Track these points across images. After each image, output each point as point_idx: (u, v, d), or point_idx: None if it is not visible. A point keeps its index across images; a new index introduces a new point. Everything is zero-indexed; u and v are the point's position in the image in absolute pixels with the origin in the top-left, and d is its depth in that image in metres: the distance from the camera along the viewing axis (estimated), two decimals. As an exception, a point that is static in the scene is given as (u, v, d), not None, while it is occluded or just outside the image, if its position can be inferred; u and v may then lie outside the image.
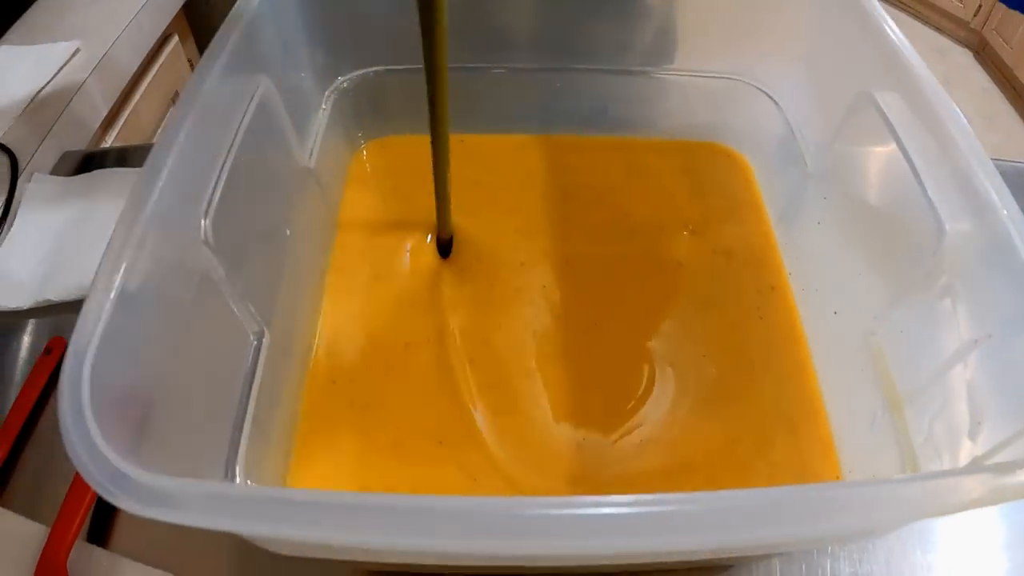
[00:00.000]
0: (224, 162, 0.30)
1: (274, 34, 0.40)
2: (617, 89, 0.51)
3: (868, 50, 0.38)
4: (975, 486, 0.21)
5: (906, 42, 0.37)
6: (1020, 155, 1.86)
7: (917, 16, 2.33)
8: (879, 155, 0.36)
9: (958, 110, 0.33)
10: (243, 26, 0.34)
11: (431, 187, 0.40)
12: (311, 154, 0.44)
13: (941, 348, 0.32)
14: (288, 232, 0.38)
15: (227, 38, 0.33)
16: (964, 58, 2.17)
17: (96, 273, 0.22)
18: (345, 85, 0.49)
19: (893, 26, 0.37)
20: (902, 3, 2.36)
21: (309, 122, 0.46)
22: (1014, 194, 0.54)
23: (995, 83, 2.08)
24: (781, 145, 0.48)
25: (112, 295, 0.22)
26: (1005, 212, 0.29)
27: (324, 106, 0.48)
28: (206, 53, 0.32)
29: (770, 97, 0.49)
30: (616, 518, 0.17)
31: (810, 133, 0.45)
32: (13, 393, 0.43)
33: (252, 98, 0.34)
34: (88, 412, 0.20)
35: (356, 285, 0.45)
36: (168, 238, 0.26)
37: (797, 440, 0.39)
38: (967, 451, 0.29)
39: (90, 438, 0.19)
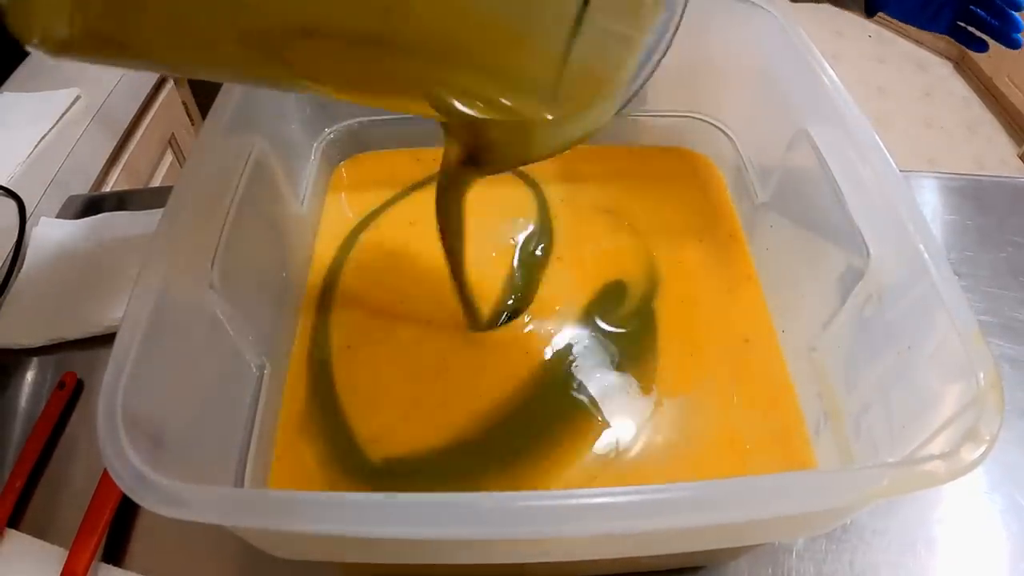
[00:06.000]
0: (226, 217, 0.34)
1: (267, 96, 0.44)
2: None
3: (806, 92, 0.42)
4: (877, 480, 0.24)
5: (839, 84, 0.41)
6: (1001, 162, 1.90)
7: (896, 30, 2.38)
8: (815, 186, 0.40)
9: (881, 144, 0.37)
10: (238, 94, 0.38)
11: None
12: (303, 201, 0.48)
13: (870, 360, 0.35)
14: (284, 274, 0.42)
15: (226, 105, 0.37)
16: (944, 69, 2.23)
17: (125, 315, 0.26)
18: (332, 136, 0.54)
19: (828, 70, 0.41)
20: (881, 17, 2.42)
21: (301, 172, 0.50)
22: (968, 205, 0.58)
23: (975, 93, 2.12)
24: (737, 176, 0.53)
25: (139, 333, 0.26)
26: (918, 236, 0.32)
27: (313, 156, 0.52)
28: (208, 118, 0.37)
29: (725, 133, 0.53)
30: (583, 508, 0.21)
31: (759, 166, 0.49)
32: (28, 425, 0.46)
33: (248, 158, 0.38)
34: (122, 432, 0.23)
35: (341, 316, 0.47)
36: (182, 284, 0.30)
37: (783, 444, 0.41)
38: (895, 451, 0.32)
39: (124, 454, 0.23)
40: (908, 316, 0.33)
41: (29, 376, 0.49)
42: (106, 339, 0.50)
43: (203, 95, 1.02)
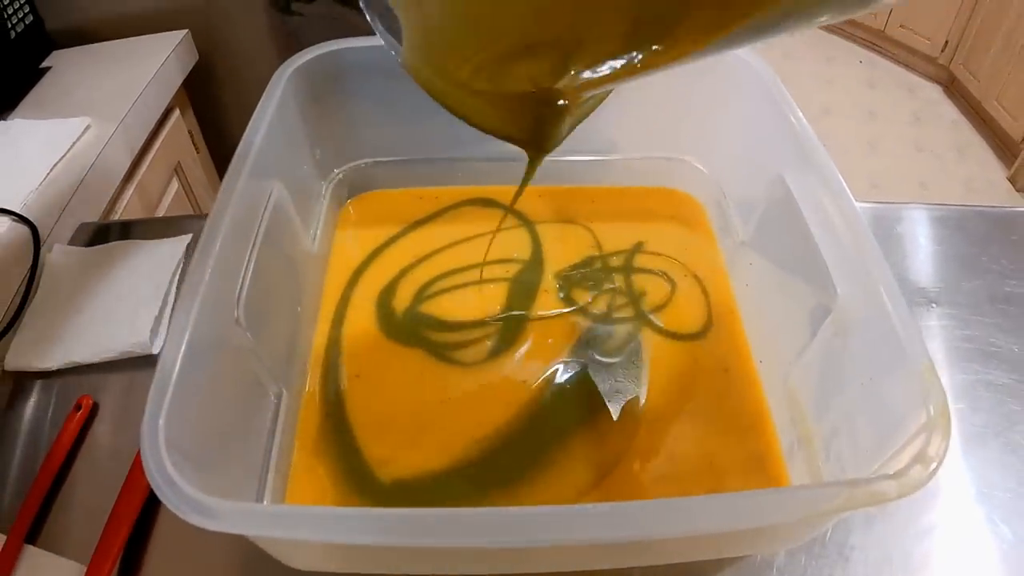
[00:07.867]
0: (249, 258, 0.38)
1: (283, 143, 0.47)
2: (578, 170, 0.59)
3: (782, 141, 0.45)
4: (833, 497, 0.27)
5: (812, 134, 0.44)
6: (991, 184, 1.92)
7: (887, 55, 2.41)
8: (789, 228, 0.43)
9: (847, 188, 0.40)
10: (258, 142, 0.42)
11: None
12: (315, 238, 0.51)
13: (838, 389, 0.38)
14: (299, 308, 0.45)
15: (246, 154, 0.41)
16: (934, 93, 2.27)
17: (163, 348, 0.30)
18: (341, 176, 0.57)
19: (803, 121, 0.44)
20: (871, 43, 2.44)
21: (312, 212, 0.53)
22: (952, 235, 0.61)
23: (965, 116, 2.17)
24: (720, 216, 0.56)
25: (176, 364, 0.29)
26: (879, 278, 0.35)
27: (324, 196, 0.55)
28: (232, 164, 0.40)
29: (711, 176, 0.57)
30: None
31: (739, 207, 0.53)
32: (44, 446, 0.48)
33: (268, 201, 0.41)
34: (164, 452, 0.26)
35: (350, 346, 0.50)
36: (211, 320, 0.33)
37: (759, 466, 0.44)
38: (860, 472, 0.34)
39: (167, 472, 0.26)
40: (870, 351, 0.36)
41: (43, 398, 0.51)
42: (118, 363, 0.52)
43: (207, 124, 1.05)
